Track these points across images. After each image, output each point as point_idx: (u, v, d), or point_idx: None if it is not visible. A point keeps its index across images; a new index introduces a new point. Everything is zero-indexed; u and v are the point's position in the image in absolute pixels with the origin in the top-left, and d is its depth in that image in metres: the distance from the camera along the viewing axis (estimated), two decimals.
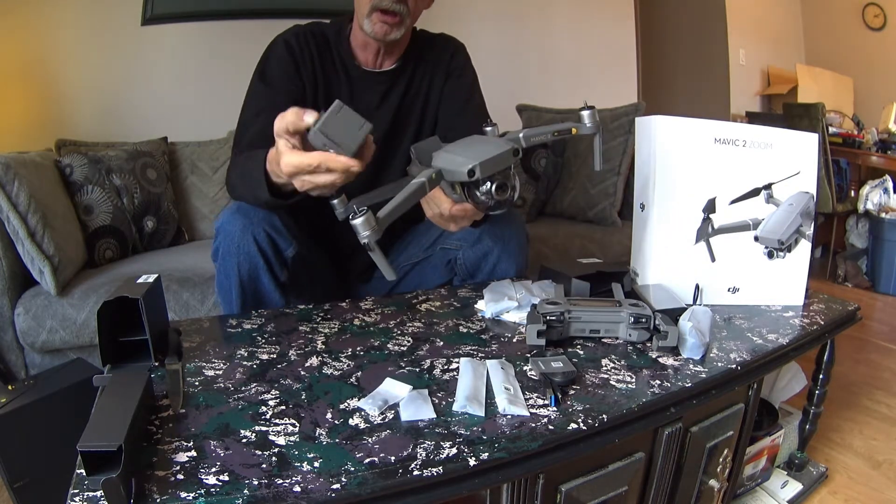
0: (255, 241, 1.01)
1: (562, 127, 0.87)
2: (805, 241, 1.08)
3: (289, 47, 1.15)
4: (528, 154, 2.17)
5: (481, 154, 0.75)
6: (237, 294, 1.04)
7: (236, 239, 1.01)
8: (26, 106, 2.11)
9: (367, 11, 1.09)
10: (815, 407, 1.17)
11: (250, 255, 1.01)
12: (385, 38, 1.11)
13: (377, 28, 1.10)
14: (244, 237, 1.01)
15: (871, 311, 2.60)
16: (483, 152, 0.75)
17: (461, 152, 0.78)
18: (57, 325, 1.45)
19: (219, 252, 1.03)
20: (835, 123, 3.29)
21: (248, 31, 2.27)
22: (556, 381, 0.72)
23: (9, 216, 1.42)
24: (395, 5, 1.07)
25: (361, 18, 1.11)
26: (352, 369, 0.79)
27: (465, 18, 2.72)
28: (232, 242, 1.01)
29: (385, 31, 1.10)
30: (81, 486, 0.53)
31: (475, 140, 0.80)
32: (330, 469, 0.56)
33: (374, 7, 1.08)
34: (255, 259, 1.02)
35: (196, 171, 2.10)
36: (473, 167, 0.74)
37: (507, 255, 1.16)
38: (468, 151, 0.77)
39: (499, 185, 0.77)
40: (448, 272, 1.22)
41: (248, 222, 1.01)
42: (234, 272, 1.02)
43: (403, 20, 1.11)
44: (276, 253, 1.04)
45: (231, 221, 1.01)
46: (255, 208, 1.02)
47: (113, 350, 0.75)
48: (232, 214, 1.02)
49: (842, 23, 3.81)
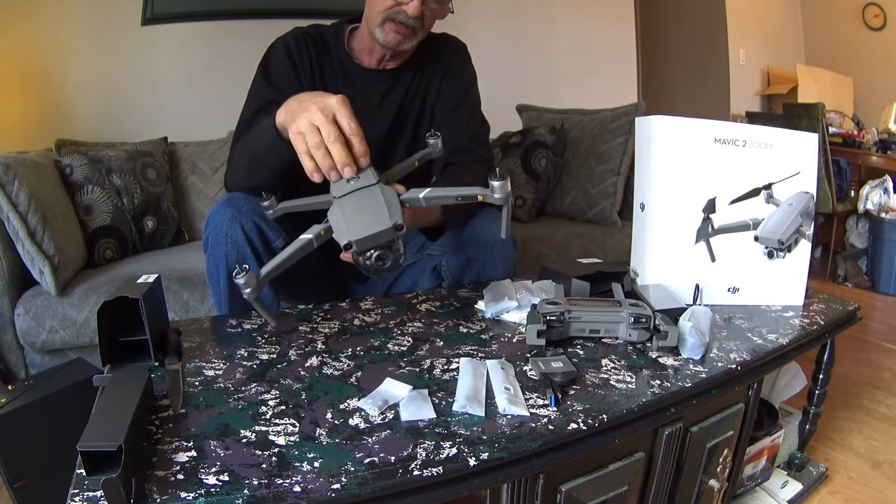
0: (244, 230, 1.02)
1: (468, 192, 0.82)
2: (805, 241, 1.08)
3: (287, 49, 1.16)
4: (528, 154, 2.17)
5: (364, 228, 0.76)
6: (225, 283, 1.05)
7: (224, 228, 1.02)
8: (26, 106, 2.11)
9: (381, 20, 1.08)
10: (815, 407, 1.17)
11: (238, 245, 1.02)
12: (397, 47, 1.11)
13: (390, 37, 1.09)
14: (232, 226, 1.02)
15: (871, 311, 2.60)
16: (366, 227, 0.76)
17: (350, 217, 0.78)
18: (57, 325, 1.45)
19: (208, 241, 1.05)
20: (835, 123, 3.29)
21: (248, 31, 2.27)
22: (556, 381, 0.72)
23: (9, 216, 1.42)
24: (410, 19, 1.07)
25: (373, 25, 1.10)
26: (352, 369, 0.79)
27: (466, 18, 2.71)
28: (220, 231, 1.02)
29: (398, 41, 1.09)
30: (81, 486, 0.52)
31: (368, 205, 0.78)
32: (330, 469, 0.56)
33: (389, 17, 1.07)
34: (243, 248, 1.03)
35: (196, 171, 2.10)
36: (350, 242, 0.76)
37: (491, 260, 1.15)
38: (355, 219, 0.77)
39: (377, 257, 0.78)
40: (437, 277, 1.23)
41: (237, 212, 1.02)
42: (222, 261, 1.03)
43: (416, 33, 1.10)
44: (265, 243, 1.04)
45: (220, 211, 1.03)
46: (245, 198, 1.03)
47: (113, 350, 0.75)
48: (221, 205, 1.04)
49: (842, 23, 3.81)
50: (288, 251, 0.79)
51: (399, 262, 0.80)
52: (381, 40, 1.10)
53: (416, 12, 1.06)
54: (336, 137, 0.80)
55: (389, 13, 1.07)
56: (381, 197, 0.79)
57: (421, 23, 1.09)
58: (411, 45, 1.13)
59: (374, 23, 1.09)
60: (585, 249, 1.94)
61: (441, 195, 0.82)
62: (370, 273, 0.80)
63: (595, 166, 2.10)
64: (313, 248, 0.80)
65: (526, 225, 2.12)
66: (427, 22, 1.11)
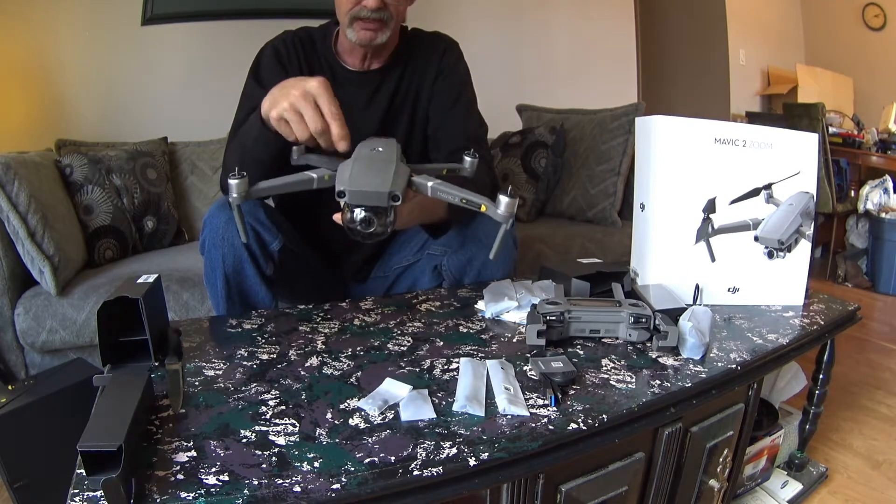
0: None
1: (474, 199, 0.79)
2: (805, 241, 1.08)
3: (277, 52, 1.18)
4: (528, 154, 2.17)
5: (362, 183, 0.74)
6: (222, 285, 1.05)
7: (221, 230, 1.02)
8: (26, 106, 2.11)
9: (349, 21, 1.09)
10: (815, 407, 1.17)
11: (234, 247, 1.02)
12: (371, 43, 1.11)
13: (361, 35, 1.10)
14: (229, 229, 1.02)
15: (871, 311, 2.60)
16: (365, 182, 0.74)
17: (355, 171, 0.76)
18: (57, 325, 1.45)
19: (205, 244, 1.05)
20: (835, 123, 3.29)
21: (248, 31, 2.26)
22: (556, 381, 0.72)
23: (9, 216, 1.42)
24: (374, 13, 1.07)
25: (344, 28, 1.11)
26: (352, 369, 0.79)
27: (465, 18, 2.72)
28: (217, 234, 1.02)
29: (370, 37, 1.10)
30: (81, 486, 0.53)
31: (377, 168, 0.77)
32: (330, 469, 0.56)
33: (354, 17, 1.08)
34: (240, 251, 1.03)
35: (196, 171, 2.10)
36: (344, 190, 0.74)
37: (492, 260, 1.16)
38: (360, 173, 0.76)
39: (363, 219, 0.75)
40: (437, 277, 1.23)
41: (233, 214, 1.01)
42: (218, 264, 1.03)
43: (387, 24, 1.10)
44: (261, 246, 1.05)
45: (217, 214, 1.03)
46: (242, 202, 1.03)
47: (113, 350, 0.75)
48: (218, 207, 1.04)
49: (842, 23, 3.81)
50: (288, 178, 0.78)
51: (385, 232, 0.78)
52: (354, 39, 1.11)
53: (376, 4, 1.06)
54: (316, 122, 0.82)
55: (353, 13, 1.08)
56: (393, 166, 0.78)
57: (388, 13, 1.09)
58: (386, 37, 1.12)
59: (344, 25, 1.11)
60: (585, 249, 1.94)
61: (447, 191, 0.81)
62: (353, 235, 0.78)
63: (595, 166, 2.10)
64: (311, 187, 0.79)
65: (526, 225, 2.12)
66: (393, 10, 1.10)
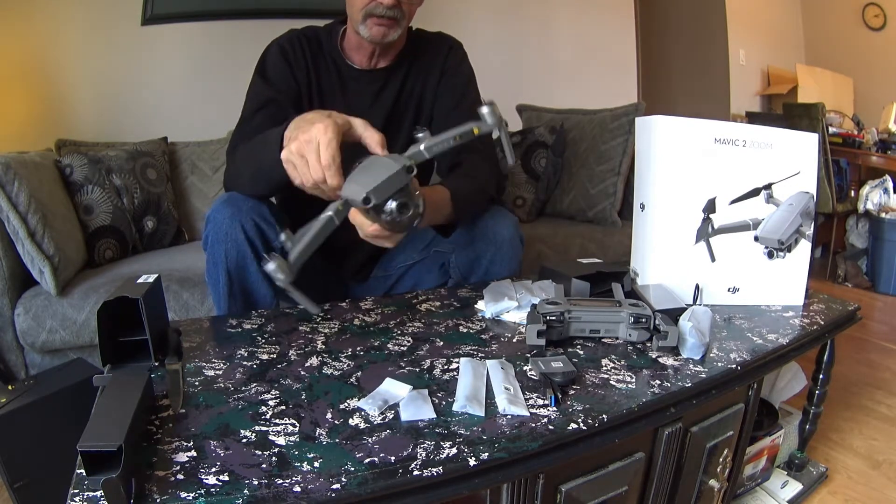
0: (243, 229, 1.02)
1: (462, 130, 0.84)
2: (805, 241, 1.08)
3: (283, 51, 1.18)
4: (529, 154, 2.17)
5: (374, 179, 0.76)
6: (224, 282, 1.05)
7: (224, 227, 1.02)
8: (26, 106, 2.11)
9: (362, 18, 1.10)
10: (815, 407, 1.17)
11: (238, 243, 1.02)
12: (383, 40, 1.12)
13: (374, 31, 1.10)
14: (232, 225, 1.02)
15: (871, 311, 2.60)
16: (376, 177, 0.76)
17: (359, 180, 0.78)
18: (57, 325, 1.45)
19: (208, 240, 1.05)
20: (835, 123, 3.29)
21: (248, 31, 2.27)
22: (556, 381, 0.72)
23: (9, 216, 1.42)
24: (388, 11, 1.08)
25: (356, 24, 1.12)
26: (352, 369, 0.79)
27: (465, 18, 2.72)
28: (220, 230, 1.02)
29: (382, 33, 1.11)
30: (81, 486, 0.53)
31: (374, 163, 0.80)
32: (330, 469, 0.56)
33: (369, 13, 1.09)
34: (243, 247, 1.03)
35: (196, 171, 2.10)
36: (368, 195, 0.76)
37: (499, 257, 1.16)
38: (364, 178, 0.78)
39: (399, 205, 0.78)
40: (443, 274, 1.23)
41: (237, 211, 1.02)
42: (221, 260, 1.03)
43: (399, 22, 1.12)
44: (265, 242, 1.05)
45: (220, 210, 1.03)
46: (245, 198, 1.03)
47: (113, 350, 0.75)
48: (221, 204, 1.04)
49: (842, 23, 3.81)
50: (312, 231, 0.78)
51: (420, 212, 0.80)
52: (367, 36, 1.11)
53: (392, 1, 1.07)
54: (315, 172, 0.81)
55: (367, 9, 1.09)
56: (387, 157, 0.81)
57: (401, 11, 1.11)
58: (397, 35, 1.13)
59: (356, 22, 1.11)
60: (585, 249, 1.94)
61: (439, 141, 0.84)
62: (396, 229, 0.81)
63: (595, 166, 2.10)
64: (335, 225, 0.80)
65: (526, 225, 2.12)
66: (406, 8, 1.12)
